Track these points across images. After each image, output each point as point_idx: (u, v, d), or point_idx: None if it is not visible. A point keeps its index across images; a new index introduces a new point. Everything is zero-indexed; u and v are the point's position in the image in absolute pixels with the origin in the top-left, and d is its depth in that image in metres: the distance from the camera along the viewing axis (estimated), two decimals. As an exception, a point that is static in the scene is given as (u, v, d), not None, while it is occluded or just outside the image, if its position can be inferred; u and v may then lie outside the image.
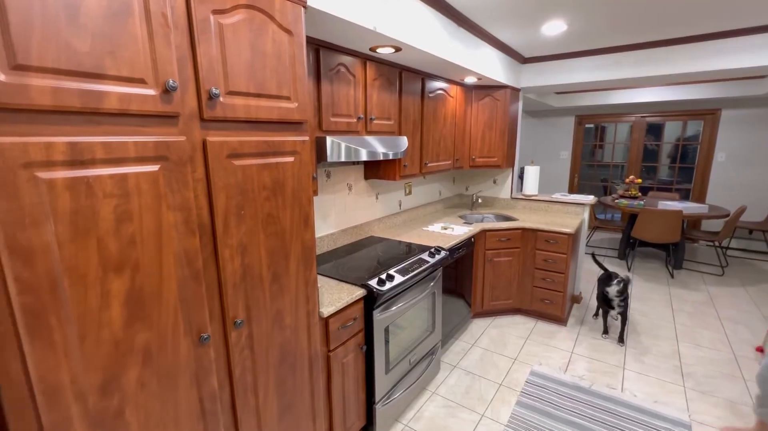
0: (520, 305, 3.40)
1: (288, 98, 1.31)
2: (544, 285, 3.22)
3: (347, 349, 1.78)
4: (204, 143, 1.09)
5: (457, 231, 2.94)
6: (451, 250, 2.68)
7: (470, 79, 3.04)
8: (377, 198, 2.93)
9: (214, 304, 1.18)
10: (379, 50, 2.04)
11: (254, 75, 1.19)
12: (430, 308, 2.41)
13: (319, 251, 2.40)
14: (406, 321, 2.17)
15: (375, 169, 2.68)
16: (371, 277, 1.93)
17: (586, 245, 5.66)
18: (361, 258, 2.27)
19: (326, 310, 1.61)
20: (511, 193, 3.88)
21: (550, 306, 3.23)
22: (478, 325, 3.25)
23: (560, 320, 3.25)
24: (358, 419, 1.93)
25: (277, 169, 1.30)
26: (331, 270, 2.06)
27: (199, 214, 1.11)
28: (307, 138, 1.41)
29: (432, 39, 2.17)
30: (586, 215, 3.51)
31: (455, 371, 2.64)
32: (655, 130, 6.00)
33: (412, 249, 2.43)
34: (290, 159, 1.35)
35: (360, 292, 1.80)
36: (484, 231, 3.14)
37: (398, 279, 1.97)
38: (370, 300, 1.84)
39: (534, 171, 3.72)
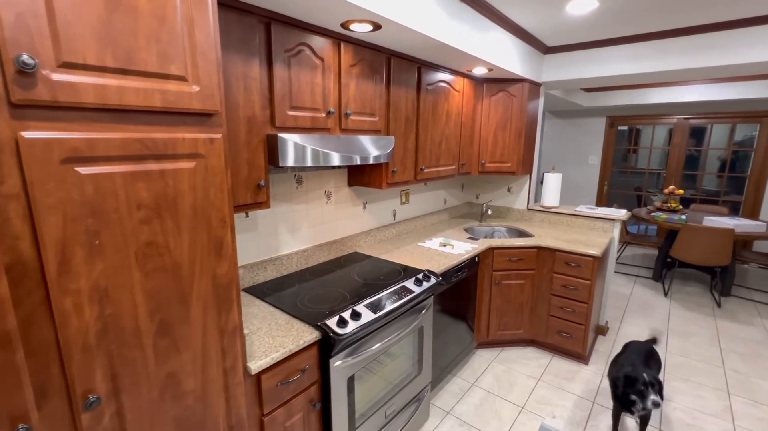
0: (533, 336, 2.90)
1: (182, 78, 0.92)
2: (562, 316, 2.72)
3: (292, 410, 1.37)
4: (16, 141, 0.71)
5: (458, 248, 2.49)
6: (447, 275, 2.24)
7: (479, 70, 2.58)
8: (365, 207, 2.52)
9: (48, 377, 0.81)
10: (353, 27, 1.63)
11: (114, 40, 0.81)
12: (415, 346, 1.97)
13: (285, 271, 2.01)
14: (381, 365, 1.75)
15: (359, 175, 2.27)
16: (332, 314, 1.52)
17: (616, 262, 5.05)
18: (331, 283, 1.86)
19: (257, 364, 1.22)
20: (528, 203, 3.38)
21: (568, 341, 2.72)
22: (482, 358, 2.79)
23: (581, 357, 2.74)
24: (310, 492, 1.53)
25: (162, 179, 0.92)
26: (287, 301, 1.66)
27: (14, 246, 0.73)
28: (217, 135, 1.01)
29: (424, 16, 1.74)
30: (616, 233, 2.97)
31: (448, 419, 2.19)
32: (698, 134, 5.30)
33: (396, 273, 2.00)
34: (187, 164, 0.96)
35: (311, 336, 1.39)
36: (491, 249, 2.67)
37: (366, 317, 1.56)
38: (327, 346, 1.43)
39: (555, 179, 3.21)
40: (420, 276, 1.95)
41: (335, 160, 1.67)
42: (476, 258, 2.54)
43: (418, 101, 2.30)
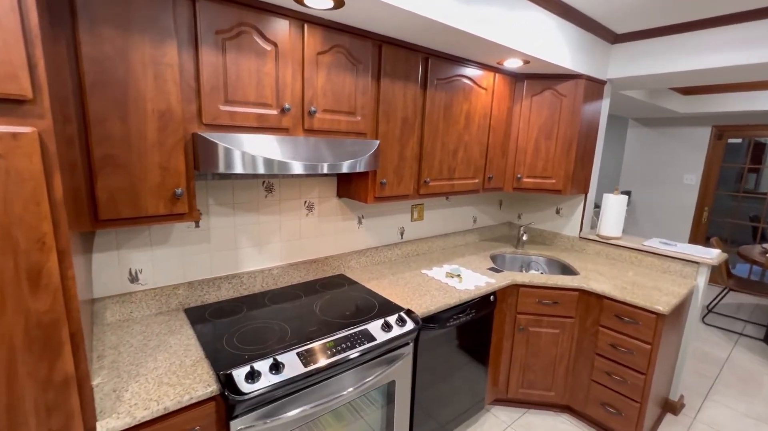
0: (569, 401, 2.27)
1: (-41, 50, 0.68)
2: (608, 384, 2.06)
3: (172, 481, 1.08)
4: None
5: (467, 282, 2.01)
6: (440, 317, 1.78)
7: (512, 63, 2.07)
8: (360, 222, 2.17)
9: None
10: (308, 2, 1.30)
11: None
12: (382, 404, 1.57)
13: (245, 292, 1.75)
14: (329, 426, 1.38)
15: (347, 185, 1.94)
16: (250, 361, 1.20)
17: (708, 309, 3.96)
18: (283, 314, 1.55)
19: (109, 425, 0.95)
20: (581, 230, 2.71)
21: (616, 419, 2.05)
22: (497, 419, 2.24)
23: (633, 443, 2.05)
24: None
25: None
26: (217, 333, 1.39)
27: None
28: (27, 129, 0.76)
29: (411, -14, 1.35)
30: (701, 282, 2.20)
31: (428, 499, 1.73)
32: None
33: (368, 310, 1.62)
34: (-30, 167, 0.72)
35: (205, 391, 1.09)
36: (515, 286, 2.13)
37: (291, 370, 1.21)
38: (231, 404, 1.12)
39: (617, 203, 2.51)
40: (393, 318, 1.54)
41: (295, 167, 1.36)
42: (492, 297, 2.03)
43: (424, 100, 1.89)
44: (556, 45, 2.03)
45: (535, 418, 2.26)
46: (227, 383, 1.11)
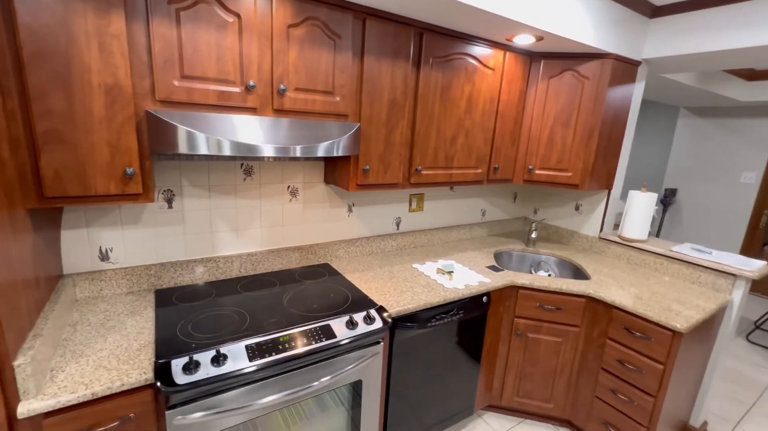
0: (570, 416, 2.08)
1: None
2: (612, 402, 1.85)
3: (106, 465, 1.07)
4: None
5: (458, 280, 1.86)
6: (419, 317, 1.65)
7: (523, 39, 1.85)
8: (351, 210, 2.06)
9: None
10: (269, -33, 1.18)
11: None
12: (346, 404, 1.49)
13: (221, 276, 1.72)
14: (284, 421, 1.33)
15: (333, 171, 1.83)
16: (196, 350, 1.16)
17: (756, 326, 3.51)
18: (249, 302, 1.50)
19: (32, 406, 0.93)
20: (601, 229, 2.44)
21: (618, 441, 1.85)
22: (487, 426, 2.10)
23: (637, 470, 1.84)
24: None
25: None
26: (175, 317, 1.35)
27: None
28: None
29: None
30: (737, 297, 1.90)
31: (398, 504, 1.65)
32: None
33: (339, 304, 1.53)
34: None
35: (139, 378, 1.05)
36: (515, 288, 1.95)
37: (236, 364, 1.15)
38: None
39: (645, 201, 2.22)
40: (361, 315, 1.44)
41: (264, 150, 1.29)
42: (485, 298, 1.86)
43: (417, 80, 1.73)
44: (576, 18, 1.78)
45: (529, 430, 2.09)
46: (160, 372, 1.06)
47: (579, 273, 2.22)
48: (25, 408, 0.92)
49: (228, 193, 1.68)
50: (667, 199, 4.72)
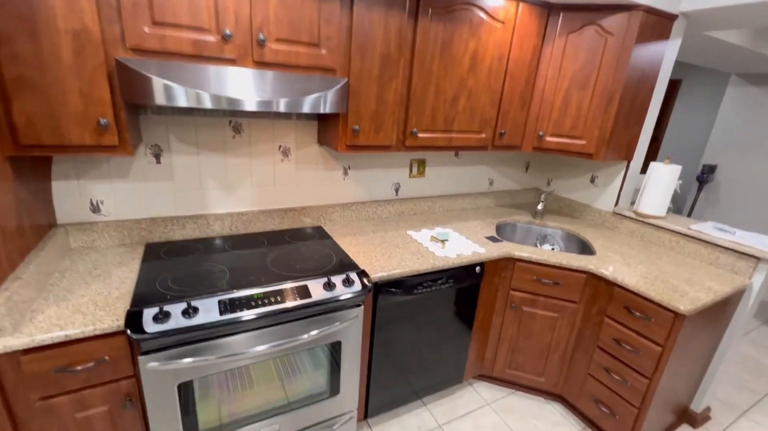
0: (560, 391, 2.04)
1: None
2: (605, 381, 1.79)
3: (86, 402, 1.13)
4: None
5: (451, 249, 1.80)
6: (405, 283, 1.62)
7: (538, -13, 1.66)
8: (346, 173, 2.01)
9: None
10: None
11: None
12: (325, 364, 1.51)
13: (212, 233, 1.74)
14: (263, 374, 1.37)
15: (324, 131, 1.77)
16: (170, 301, 1.18)
17: (791, 316, 3.27)
18: (233, 260, 1.51)
19: (7, 343, 0.98)
20: (616, 204, 2.28)
21: (608, 420, 1.80)
22: (476, 395, 2.10)
23: (625, 449, 1.80)
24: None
25: None
26: (157, 271, 1.39)
27: None
28: None
29: None
30: (757, 281, 1.75)
31: (377, 460, 1.70)
32: None
33: (320, 266, 1.51)
34: None
35: (111, 324, 1.09)
36: (512, 260, 1.88)
37: (206, 316, 1.17)
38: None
39: (667, 174, 2.03)
40: (340, 277, 1.43)
41: (245, 104, 1.25)
42: (478, 268, 1.80)
43: (414, 33, 1.60)
44: (598, -39, 1.57)
45: (519, 401, 2.08)
46: (131, 320, 1.09)
47: (586, 249, 2.10)
48: (0, 345, 0.98)
49: (217, 150, 1.66)
50: (704, 176, 4.36)
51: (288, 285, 1.35)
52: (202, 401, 1.28)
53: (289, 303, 1.29)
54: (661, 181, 2.05)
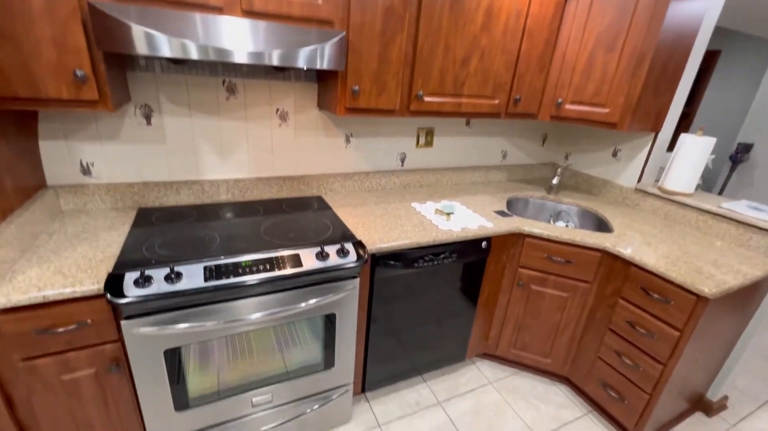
0: (567, 373, 1.96)
1: None
2: (615, 364, 1.70)
3: (71, 364, 1.11)
4: None
5: (456, 222, 1.70)
6: (405, 256, 1.54)
7: (563, -71, 1.46)
8: (348, 141, 1.91)
9: None
10: None
11: None
12: (320, 335, 1.46)
13: (207, 200, 1.68)
14: (257, 344, 1.33)
15: (324, 93, 1.66)
16: (154, 266, 1.13)
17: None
18: (225, 227, 1.45)
19: (-15, 302, 0.95)
20: (639, 179, 2.12)
21: (617, 405, 1.72)
22: (478, 374, 2.05)
23: (633, 435, 1.72)
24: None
25: None
26: (146, 236, 1.34)
27: None
28: None
29: None
30: (792, 263, 1.59)
31: (373, 434, 1.68)
32: None
33: (319, 235, 1.44)
34: None
35: (91, 287, 1.05)
36: (521, 235, 1.77)
37: (186, 283, 1.11)
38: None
39: (699, 147, 1.85)
40: (334, 248, 1.35)
41: (238, 55, 1.16)
42: (484, 243, 1.70)
43: (422, -18, 1.45)
44: None
45: (523, 381, 2.01)
46: (111, 283, 1.05)
47: (603, 226, 1.97)
48: (-16, 302, 0.95)
49: (210, 112, 1.58)
50: (738, 155, 4.06)
51: (279, 253, 1.28)
52: (191, 368, 1.26)
53: (280, 272, 1.23)
54: (692, 155, 1.87)
